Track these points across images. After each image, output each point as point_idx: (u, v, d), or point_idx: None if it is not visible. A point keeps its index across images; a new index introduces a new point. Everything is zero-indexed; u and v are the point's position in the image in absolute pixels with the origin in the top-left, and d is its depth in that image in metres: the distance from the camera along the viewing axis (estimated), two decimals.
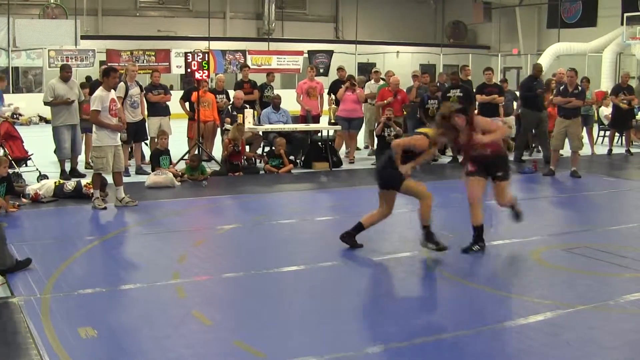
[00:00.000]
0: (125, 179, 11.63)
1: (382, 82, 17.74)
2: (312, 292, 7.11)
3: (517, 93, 18.61)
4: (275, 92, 17.32)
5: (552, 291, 7.26)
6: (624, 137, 18.93)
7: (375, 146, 16.43)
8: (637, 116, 18.95)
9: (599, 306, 6.70)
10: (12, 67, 26.29)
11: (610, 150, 18.18)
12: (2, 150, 12.62)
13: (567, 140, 15.04)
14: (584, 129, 17.01)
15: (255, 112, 15.83)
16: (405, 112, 16.18)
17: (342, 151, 16.64)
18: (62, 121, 13.31)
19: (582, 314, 6.51)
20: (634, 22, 29.45)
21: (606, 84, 28.60)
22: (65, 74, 13.52)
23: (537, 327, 6.16)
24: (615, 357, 5.59)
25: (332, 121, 15.69)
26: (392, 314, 6.41)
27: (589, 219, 11.11)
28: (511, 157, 16.34)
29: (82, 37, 26.71)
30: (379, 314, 6.45)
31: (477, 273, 7.86)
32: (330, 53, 30.91)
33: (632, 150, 18.36)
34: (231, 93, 16.52)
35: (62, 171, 13.35)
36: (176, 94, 17.15)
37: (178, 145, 15.45)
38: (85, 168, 14.00)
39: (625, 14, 30.26)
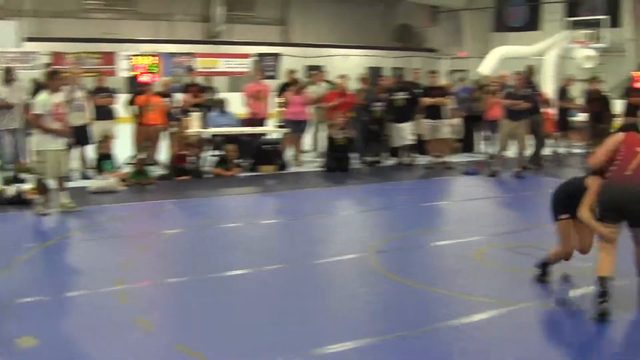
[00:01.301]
0: (68, 184, 11.45)
1: (326, 84, 17.77)
2: (257, 295, 7.08)
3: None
4: (223, 95, 17.25)
5: (496, 290, 7.34)
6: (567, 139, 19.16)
7: (322, 148, 16.44)
8: (573, 118, 19.17)
9: (541, 304, 6.83)
10: None
11: (554, 152, 18.43)
12: None
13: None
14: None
15: (202, 116, 15.73)
16: (352, 115, 16.21)
17: (290, 154, 16.63)
18: (3, 125, 13.11)
19: (525, 311, 6.62)
20: (577, 26, 29.96)
21: (548, 88, 28.98)
22: (7, 76, 13.32)
23: (480, 325, 6.26)
24: (557, 354, 5.71)
25: (279, 124, 15.66)
26: (337, 316, 6.43)
27: (530, 218, 11.25)
28: (457, 159, 16.58)
29: (27, 39, 26.27)
30: (324, 316, 6.46)
31: (421, 274, 7.88)
32: (278, 56, 30.86)
33: (572, 151, 18.58)
34: (178, 96, 16.41)
35: (4, 177, 13.14)
36: (121, 98, 16.96)
37: (123, 149, 15.30)
38: (27, 173, 13.76)
39: (568, 19, 30.82)
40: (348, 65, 30.78)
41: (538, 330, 6.28)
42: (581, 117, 18.74)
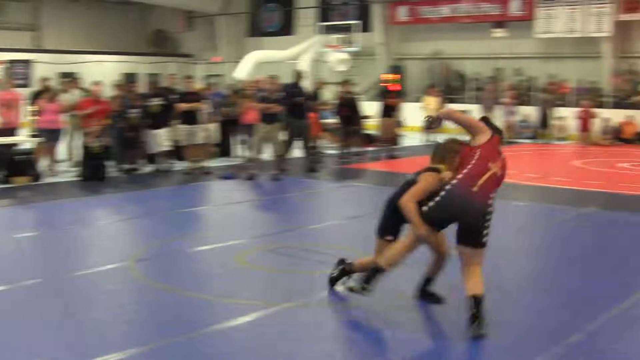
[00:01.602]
0: None
1: (80, 91, 17.43)
2: (15, 313, 6.83)
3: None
4: None
5: (259, 292, 7.56)
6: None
7: (78, 157, 16.08)
8: (326, 120, 20.03)
9: (303, 303, 7.08)
10: None
11: (315, 152, 19.10)
12: None
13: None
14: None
15: None
16: (107, 122, 15.97)
17: (45, 164, 16.12)
18: None
19: (288, 311, 6.84)
20: (329, 31, 31.32)
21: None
22: None
23: (245, 328, 6.41)
24: (319, 351, 5.97)
25: (33, 133, 15.17)
26: (100, 328, 6.39)
27: (290, 220, 11.67)
28: (214, 164, 16.80)
29: None
30: (86, 328, 6.39)
31: (183, 280, 7.96)
32: (29, 63, 29.76)
33: (325, 151, 19.33)
34: None
35: None
36: None
37: None
38: None
39: (321, 24, 32.15)
40: (103, 71, 30.16)
41: (302, 329, 6.45)
42: (333, 119, 19.65)
